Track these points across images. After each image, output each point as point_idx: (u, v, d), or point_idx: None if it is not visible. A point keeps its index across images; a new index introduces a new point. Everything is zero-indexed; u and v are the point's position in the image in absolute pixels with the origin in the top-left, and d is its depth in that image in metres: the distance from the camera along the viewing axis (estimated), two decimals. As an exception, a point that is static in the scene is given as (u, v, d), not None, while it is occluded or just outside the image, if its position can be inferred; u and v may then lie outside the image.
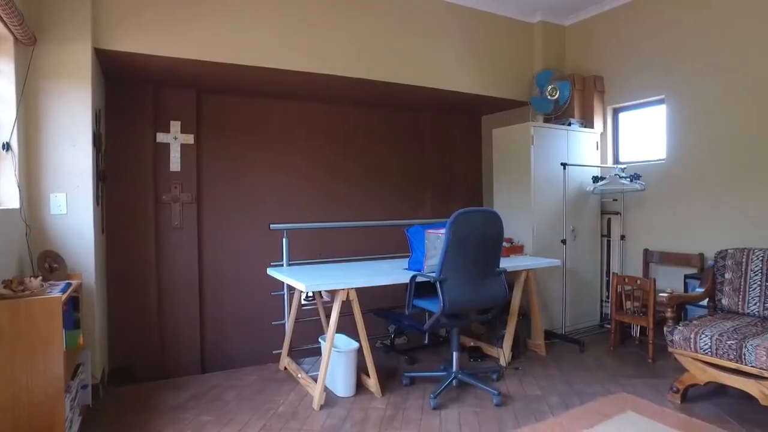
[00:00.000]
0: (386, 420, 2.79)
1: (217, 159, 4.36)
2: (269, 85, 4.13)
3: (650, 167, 4.31)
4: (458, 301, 2.85)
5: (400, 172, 5.32)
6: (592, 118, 4.61)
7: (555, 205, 4.32)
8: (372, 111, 5.14)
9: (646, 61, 4.34)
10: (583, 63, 4.86)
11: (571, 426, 2.66)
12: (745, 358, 2.62)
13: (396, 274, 3.19)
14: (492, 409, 2.91)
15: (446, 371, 3.20)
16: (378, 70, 3.98)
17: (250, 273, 4.40)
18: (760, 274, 3.13)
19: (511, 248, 4.04)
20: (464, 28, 4.45)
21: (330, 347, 2.99)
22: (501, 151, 4.50)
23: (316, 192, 4.83)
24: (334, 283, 2.94)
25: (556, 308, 4.34)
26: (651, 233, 4.33)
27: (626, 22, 4.48)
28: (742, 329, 2.82)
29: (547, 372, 3.52)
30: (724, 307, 3.27)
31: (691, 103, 4.02)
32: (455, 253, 2.79)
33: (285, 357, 3.67)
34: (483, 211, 2.85)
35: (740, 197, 3.72)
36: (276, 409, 2.96)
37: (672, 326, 2.99)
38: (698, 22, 3.95)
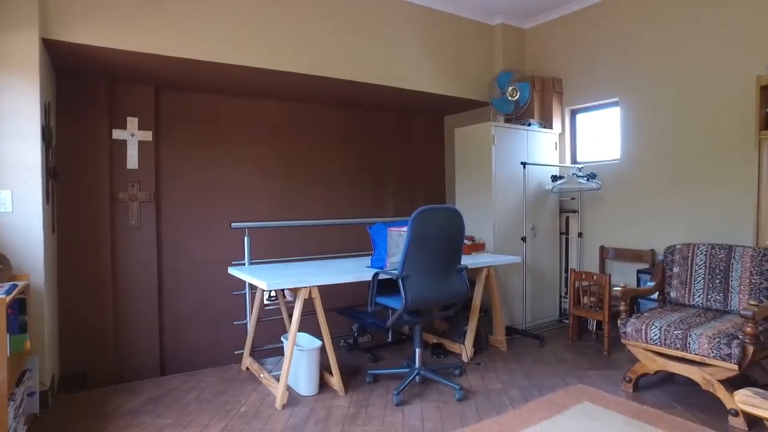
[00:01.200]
0: (349, 417, 2.79)
1: (176, 157, 4.26)
2: (230, 83, 4.06)
3: (606, 167, 4.47)
4: (420, 297, 2.87)
5: (364, 171, 5.34)
6: (551, 118, 4.74)
7: (515, 203, 4.41)
8: (336, 110, 5.13)
9: (601, 64, 4.49)
10: (542, 65, 5.00)
11: (530, 417, 2.73)
12: (689, 346, 2.75)
13: (358, 271, 3.19)
14: (454, 403, 2.95)
15: (409, 368, 3.22)
16: (338, 69, 3.97)
17: (211, 272, 4.32)
18: (704, 268, 3.29)
19: (473, 246, 4.11)
20: (426, 28, 4.50)
21: (292, 346, 2.97)
22: (463, 151, 4.56)
23: (279, 191, 4.78)
24: (296, 282, 2.92)
25: (517, 304, 4.44)
26: (607, 230, 4.48)
27: (582, 27, 4.63)
28: (687, 320, 2.96)
29: (508, 366, 3.59)
30: (673, 300, 3.42)
31: (642, 106, 4.19)
32: (417, 250, 2.82)
33: (247, 357, 3.62)
34: (444, 209, 2.88)
35: (687, 195, 3.90)
36: (237, 410, 2.92)
37: (625, 319, 3.11)
38: (648, 30, 4.12)
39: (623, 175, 4.34)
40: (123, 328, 3.91)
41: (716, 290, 3.23)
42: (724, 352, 2.62)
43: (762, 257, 3.07)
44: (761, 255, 3.08)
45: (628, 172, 4.30)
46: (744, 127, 3.53)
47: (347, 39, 4.02)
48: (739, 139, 3.58)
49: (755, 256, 3.10)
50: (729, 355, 2.60)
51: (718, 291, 3.22)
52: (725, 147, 3.67)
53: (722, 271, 3.22)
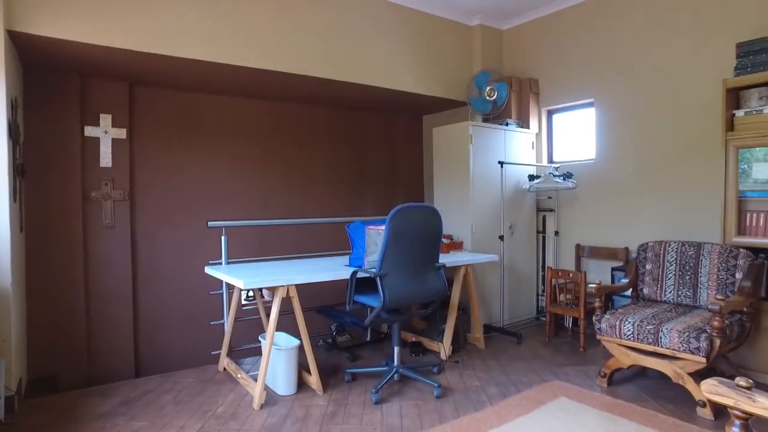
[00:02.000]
0: (328, 416, 2.78)
1: (152, 155, 4.18)
2: (207, 80, 4.01)
3: (581, 166, 4.54)
4: (398, 295, 2.88)
5: (343, 170, 5.33)
6: (528, 118, 4.80)
7: (493, 202, 4.45)
8: (315, 109, 5.11)
9: (577, 66, 4.57)
10: (519, 66, 5.06)
11: (507, 414, 2.76)
12: (660, 341, 2.82)
13: (337, 270, 3.18)
14: (432, 401, 2.97)
15: (388, 366, 3.23)
16: (318, 67, 3.95)
17: (187, 272, 4.26)
18: (674, 265, 3.38)
19: (451, 244, 4.13)
20: (405, 28, 4.51)
21: (270, 345, 2.94)
22: (441, 150, 4.59)
23: (257, 190, 4.74)
24: (274, 280, 2.89)
25: (495, 302, 4.48)
26: (582, 229, 4.56)
27: (558, 28, 4.70)
28: (659, 315, 3.03)
29: (486, 364, 3.62)
30: (645, 296, 3.50)
31: (616, 107, 4.27)
32: (395, 248, 2.82)
33: (224, 357, 3.58)
34: (422, 207, 2.89)
35: (659, 194, 3.99)
36: (215, 411, 2.88)
37: (600, 315, 3.17)
38: (621, 33, 4.21)
39: (598, 175, 4.42)
40: (96, 330, 3.83)
41: (686, 286, 3.31)
42: (693, 345, 2.69)
43: (728, 254, 3.16)
44: (727, 252, 3.17)
45: (603, 172, 4.39)
46: (711, 128, 3.63)
47: (327, 37, 4.01)
48: (708, 139, 3.68)
49: (722, 253, 3.19)
50: (698, 349, 2.67)
51: (688, 287, 3.30)
52: (695, 147, 3.77)
53: (692, 267, 3.31)
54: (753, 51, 3.20)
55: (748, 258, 3.08)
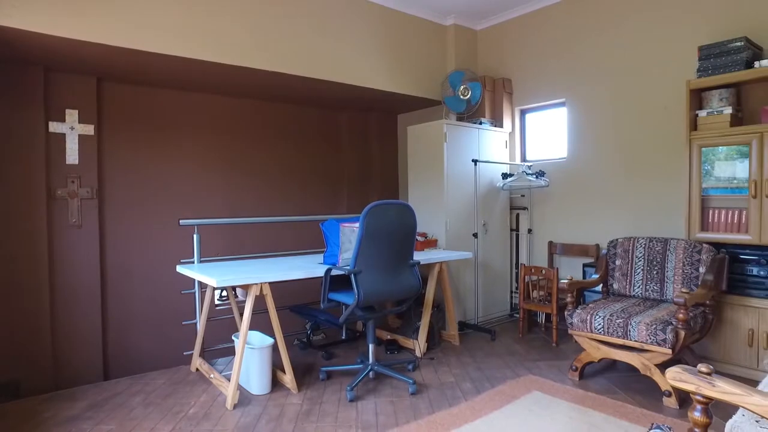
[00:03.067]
0: (302, 414, 2.76)
1: (122, 152, 4.08)
2: (178, 76, 3.93)
3: (553, 165, 4.62)
4: (373, 292, 2.88)
5: (317, 168, 5.30)
6: (502, 118, 4.86)
7: (467, 200, 4.49)
8: (289, 107, 5.08)
9: (549, 66, 4.65)
10: (493, 66, 5.12)
11: (482, 408, 2.79)
12: (629, 334, 2.89)
13: (311, 268, 3.16)
14: (408, 397, 2.97)
15: (363, 364, 3.22)
16: (291, 65, 3.92)
17: (158, 271, 4.17)
18: (643, 260, 3.47)
19: (426, 242, 4.15)
20: (380, 26, 4.52)
21: (243, 344, 2.90)
22: (415, 148, 4.61)
23: (231, 188, 4.68)
24: (247, 278, 2.86)
25: (469, 300, 4.52)
26: (555, 226, 4.64)
27: (531, 29, 4.78)
28: (628, 309, 3.10)
29: (461, 360, 3.65)
30: (615, 291, 3.58)
31: (587, 107, 4.36)
32: (369, 245, 2.82)
33: (197, 358, 3.52)
34: (396, 204, 2.89)
35: (628, 192, 4.09)
36: (186, 412, 2.83)
37: (571, 310, 3.23)
38: (591, 34, 4.31)
39: (570, 173, 4.50)
40: (61, 332, 3.71)
41: (654, 280, 3.40)
42: (659, 337, 2.76)
43: (693, 249, 3.26)
44: (692, 247, 3.27)
45: (574, 170, 4.47)
46: (677, 127, 3.75)
47: (300, 34, 3.98)
48: (674, 139, 3.79)
49: (687, 248, 3.29)
50: (664, 341, 2.74)
51: (656, 281, 3.40)
52: (661, 146, 3.88)
53: (659, 262, 3.40)
54: (713, 54, 3.31)
55: (710, 253, 3.19)
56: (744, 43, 3.19)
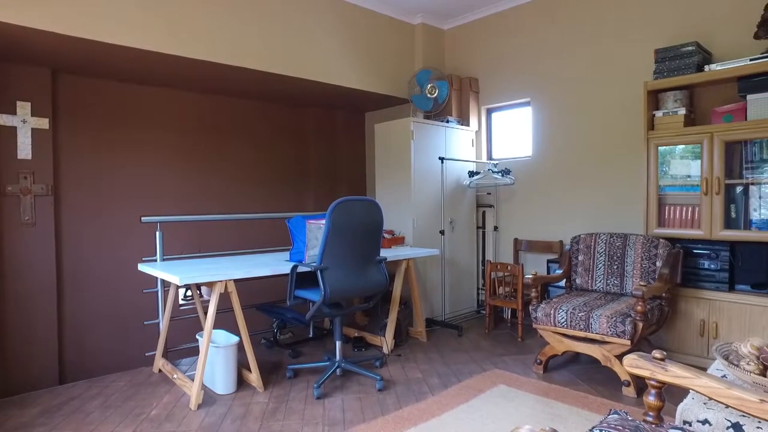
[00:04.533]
0: (268, 413, 2.72)
1: (80, 147, 3.94)
2: (139, 69, 3.82)
3: (519, 163, 4.71)
4: (339, 288, 2.86)
5: (284, 165, 5.25)
6: (468, 116, 4.92)
7: (434, 198, 4.53)
8: (255, 104, 5.01)
9: (514, 66, 4.73)
10: (460, 65, 5.18)
11: (449, 402, 2.81)
12: (591, 326, 2.97)
13: (277, 265, 3.12)
14: (375, 394, 2.98)
15: (330, 361, 3.20)
16: (256, 60, 3.87)
17: (119, 270, 4.04)
18: (604, 255, 3.57)
19: (393, 239, 4.17)
20: (347, 23, 4.50)
21: (207, 343, 2.85)
22: (383, 146, 4.62)
23: (194, 185, 4.58)
24: (211, 275, 2.80)
25: (437, 296, 4.56)
26: (520, 224, 4.73)
27: (498, 30, 4.86)
28: (590, 303, 3.19)
29: (428, 356, 3.68)
30: (578, 286, 3.68)
31: (551, 107, 4.47)
32: (336, 241, 2.81)
33: (159, 358, 3.42)
34: (362, 200, 2.89)
35: (590, 189, 4.21)
36: (148, 413, 2.75)
37: (536, 305, 3.29)
38: (555, 35, 4.41)
39: (535, 171, 4.60)
40: (12, 335, 3.55)
41: (614, 275, 3.51)
42: (619, 329, 2.85)
43: (650, 244, 3.38)
44: (650, 242, 3.39)
45: (539, 168, 4.57)
46: (635, 127, 3.88)
47: (265, 29, 3.93)
48: (632, 138, 3.92)
49: (645, 243, 3.41)
50: (623, 332, 2.83)
51: (616, 276, 3.50)
52: (621, 145, 4.00)
53: (619, 257, 3.51)
54: (668, 57, 3.43)
55: (666, 247, 3.31)
56: (695, 48, 3.32)
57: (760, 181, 3.12)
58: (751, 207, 3.16)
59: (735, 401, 1.22)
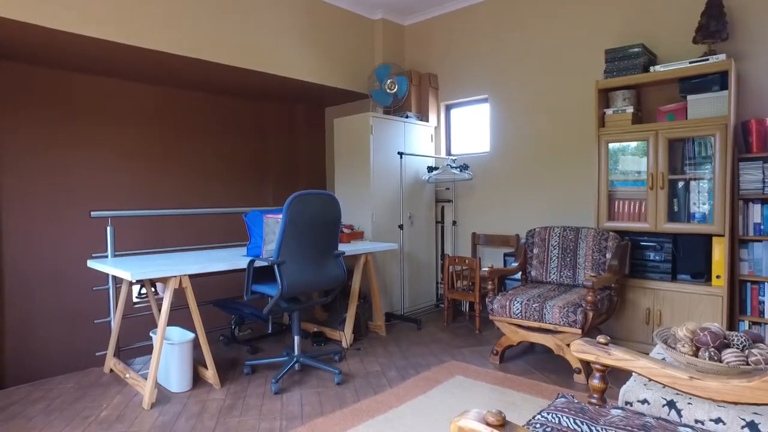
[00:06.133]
0: (225, 409, 2.68)
1: (21, 139, 3.75)
2: (88, 58, 3.67)
3: (477, 159, 4.80)
4: (297, 283, 2.85)
5: (242, 160, 5.16)
6: (428, 112, 4.97)
7: (393, 193, 4.56)
8: (212, 97, 4.90)
9: (473, 63, 4.81)
10: (420, 61, 5.22)
11: (406, 394, 2.84)
12: (544, 317, 3.06)
13: (234, 260, 3.07)
14: (334, 387, 2.98)
15: (288, 356, 3.18)
16: (210, 51, 3.78)
17: (67, 268, 3.88)
18: (558, 248, 3.69)
19: (352, 234, 4.17)
20: (306, 16, 4.46)
21: (161, 340, 2.77)
22: (342, 141, 4.61)
23: (148, 179, 4.44)
24: (165, 271, 2.73)
25: (396, 291, 4.60)
26: (478, 218, 4.82)
27: (457, 27, 4.92)
28: (544, 294, 3.29)
29: (387, 350, 3.70)
30: (533, 278, 3.78)
31: (508, 103, 4.57)
32: (293, 235, 2.79)
33: (111, 358, 3.31)
34: (320, 194, 2.88)
35: (546, 184, 4.34)
36: (97, 415, 2.66)
37: (492, 297, 3.37)
38: (512, 34, 4.51)
39: (492, 167, 4.69)
40: (-48, 337, 3.36)
41: (567, 267, 3.63)
42: (571, 319, 2.95)
43: (601, 237, 3.51)
44: (600, 235, 3.52)
45: (496, 164, 4.67)
46: (588, 124, 4.02)
47: (223, 20, 3.85)
48: (585, 134, 4.06)
49: (596, 236, 3.54)
50: (575, 321, 2.94)
51: (569, 267, 3.62)
52: (575, 141, 4.14)
53: (572, 250, 3.63)
54: (617, 57, 3.57)
55: (616, 240, 3.45)
56: (641, 49, 3.47)
57: (699, 177, 3.29)
58: (692, 201, 3.33)
59: (668, 379, 1.30)
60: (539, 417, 1.32)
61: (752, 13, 3.30)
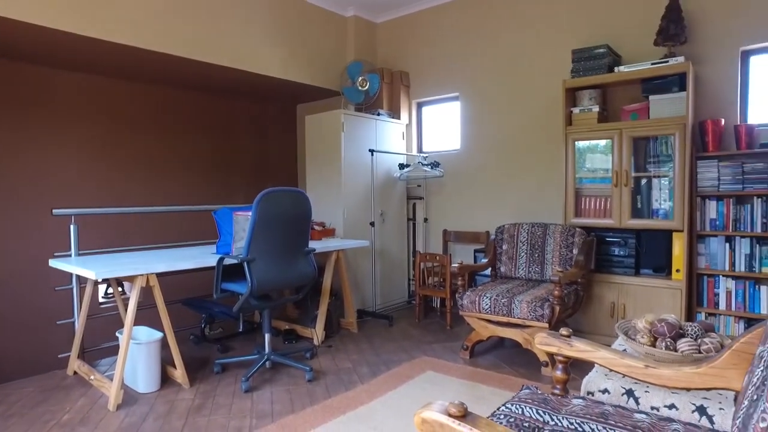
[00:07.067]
0: (194, 409, 2.65)
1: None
2: (49, 50, 3.55)
3: (448, 156, 4.84)
4: (267, 280, 2.83)
5: (213, 157, 5.09)
6: (399, 109, 4.99)
7: (364, 190, 4.57)
8: (180, 93, 4.80)
9: (444, 61, 4.85)
10: (391, 59, 5.24)
11: (377, 390, 2.86)
12: (513, 312, 3.12)
13: (203, 258, 3.03)
14: (305, 385, 2.97)
15: (259, 354, 3.16)
16: (177, 45, 3.71)
17: (27, 267, 3.76)
18: (526, 244, 3.76)
19: (323, 231, 4.16)
20: (277, 12, 4.42)
21: (128, 339, 2.72)
22: (313, 138, 4.59)
23: (114, 177, 4.33)
24: (132, 269, 2.67)
25: (368, 288, 4.61)
26: (449, 215, 4.87)
27: (428, 25, 4.96)
28: (512, 289, 3.35)
29: (359, 347, 3.71)
30: (502, 274, 3.85)
31: (479, 102, 4.63)
32: (263, 232, 2.77)
33: (75, 360, 3.22)
34: (289, 191, 2.86)
35: (515, 181, 4.41)
36: (59, 419, 2.58)
37: (462, 293, 3.41)
38: (483, 33, 4.56)
39: (463, 164, 4.75)
40: None
41: (535, 262, 3.71)
42: (538, 313, 3.02)
43: (568, 232, 3.60)
44: (567, 231, 3.61)
45: (467, 161, 4.72)
46: (556, 122, 4.11)
47: (191, 13, 3.78)
48: (553, 133, 4.15)
49: (563, 232, 3.62)
50: (542, 316, 3.01)
51: (537, 263, 3.70)
52: (543, 140, 4.22)
53: (540, 246, 3.71)
54: (584, 57, 3.66)
55: (582, 236, 3.54)
56: (606, 50, 3.56)
57: (661, 175, 3.41)
58: (654, 198, 3.44)
59: (626, 369, 1.35)
60: (503, 408, 1.35)
61: (708, 19, 3.43)
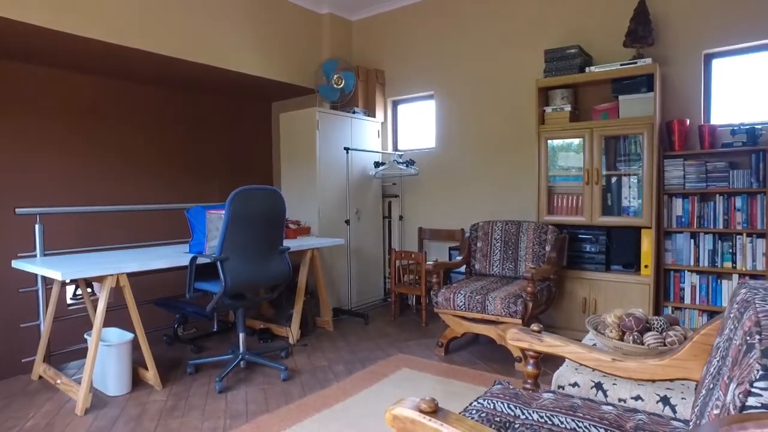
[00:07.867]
0: (167, 411, 2.60)
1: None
2: (12, 43, 3.43)
3: (423, 154, 4.87)
4: (241, 279, 2.80)
5: (186, 155, 5.00)
6: (375, 108, 4.99)
7: (340, 188, 4.55)
8: (153, 89, 4.70)
9: (419, 60, 4.87)
10: (367, 57, 5.23)
11: (353, 388, 2.86)
12: (487, 308, 3.16)
13: (175, 257, 2.98)
14: (280, 384, 2.95)
15: (233, 354, 3.12)
16: (149, 41, 3.63)
17: (-11, 270, 3.63)
18: (500, 242, 3.81)
19: (298, 230, 4.13)
20: (251, 8, 4.37)
21: (97, 341, 2.65)
22: (288, 136, 4.55)
23: (81, 175, 4.22)
24: (101, 269, 2.61)
25: (343, 286, 4.60)
26: (424, 213, 4.90)
27: (403, 23, 4.96)
28: (486, 286, 3.39)
29: (334, 345, 3.71)
30: (477, 271, 3.89)
31: (453, 100, 4.66)
32: (236, 231, 2.74)
33: (40, 363, 3.13)
34: (263, 189, 2.84)
35: (490, 179, 4.46)
36: (22, 426, 2.50)
37: (437, 290, 3.44)
38: (458, 32, 4.60)
39: (438, 162, 4.78)
40: None
41: (509, 260, 3.76)
42: (512, 309, 3.06)
43: (541, 230, 3.66)
44: (540, 228, 3.67)
45: (441, 160, 4.75)
46: (529, 121, 4.17)
47: (163, 8, 3.70)
48: (526, 131, 4.21)
49: (536, 230, 3.68)
50: (515, 312, 3.05)
51: (511, 260, 3.75)
52: (517, 138, 4.28)
53: (513, 243, 3.76)
54: (556, 57, 3.72)
55: (554, 233, 3.60)
56: (577, 51, 3.63)
57: (631, 173, 3.49)
58: (624, 196, 3.53)
59: (594, 362, 1.38)
60: (475, 404, 1.37)
61: (673, 22, 3.53)
